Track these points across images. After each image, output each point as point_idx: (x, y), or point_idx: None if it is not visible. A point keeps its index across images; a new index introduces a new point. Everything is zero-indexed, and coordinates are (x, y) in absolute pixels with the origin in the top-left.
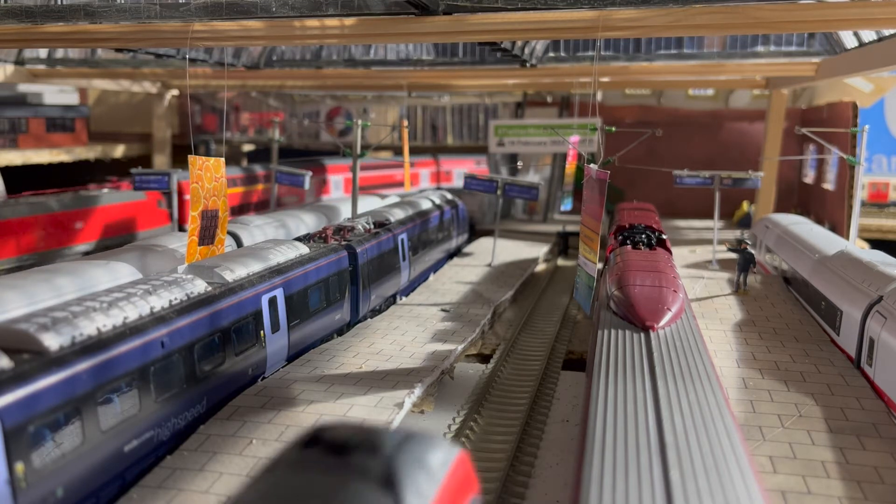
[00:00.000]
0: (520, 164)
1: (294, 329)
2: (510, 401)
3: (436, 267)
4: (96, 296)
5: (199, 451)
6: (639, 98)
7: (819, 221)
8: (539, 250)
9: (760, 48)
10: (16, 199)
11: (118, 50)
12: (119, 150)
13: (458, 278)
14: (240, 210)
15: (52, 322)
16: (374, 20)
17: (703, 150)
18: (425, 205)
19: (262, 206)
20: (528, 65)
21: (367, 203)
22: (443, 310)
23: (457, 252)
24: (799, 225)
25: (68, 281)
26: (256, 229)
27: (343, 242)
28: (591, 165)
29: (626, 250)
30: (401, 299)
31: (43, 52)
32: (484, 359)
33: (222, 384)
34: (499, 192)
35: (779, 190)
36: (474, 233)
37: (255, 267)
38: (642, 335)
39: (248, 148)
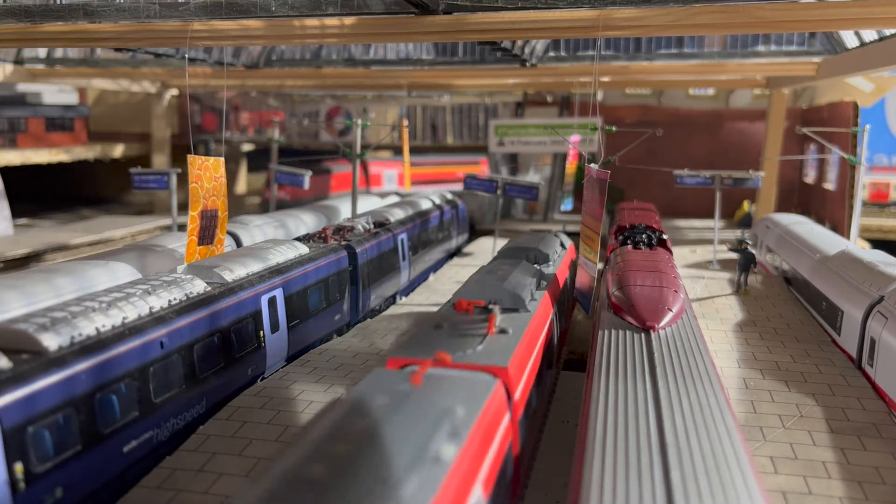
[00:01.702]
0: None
1: (294, 329)
2: None
3: (436, 267)
4: (95, 296)
5: (199, 452)
6: (639, 98)
7: (820, 221)
8: None
9: (761, 48)
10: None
11: (117, 49)
12: (118, 150)
13: (458, 278)
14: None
15: (51, 322)
16: (373, 20)
17: (703, 150)
18: (425, 205)
19: None
20: (528, 64)
21: (367, 203)
22: None
23: (457, 252)
24: (800, 225)
25: (67, 281)
26: (256, 229)
27: (343, 242)
28: (592, 165)
29: (626, 250)
30: (401, 299)
31: (42, 52)
32: None
33: (222, 384)
34: (499, 192)
35: (779, 190)
36: (474, 233)
37: (255, 267)
38: (643, 335)
39: (247, 148)
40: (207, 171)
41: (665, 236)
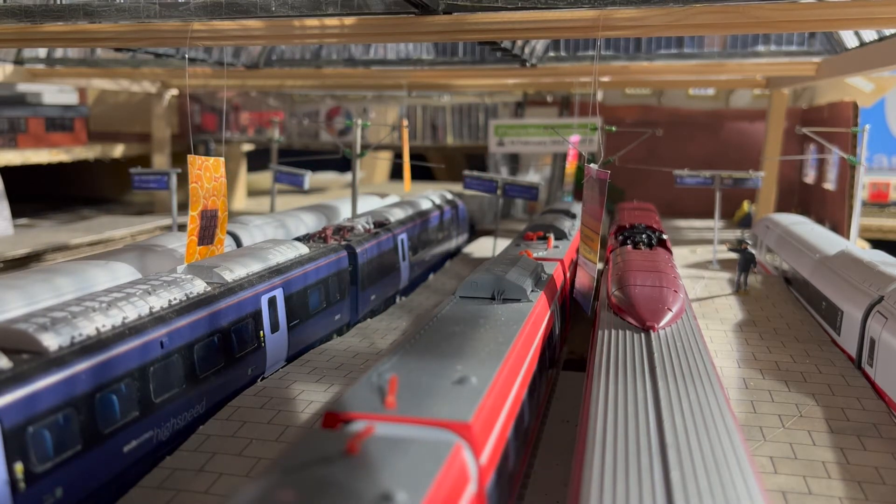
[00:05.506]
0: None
1: (294, 329)
2: None
3: (436, 267)
4: (95, 296)
5: (199, 452)
6: (639, 98)
7: (820, 221)
8: None
9: (761, 48)
10: None
11: (117, 49)
12: (118, 150)
13: (458, 278)
14: None
15: (51, 322)
16: (373, 20)
17: (703, 150)
18: (425, 205)
19: None
20: (528, 64)
21: (367, 203)
22: None
23: (457, 252)
24: (800, 225)
25: (67, 281)
26: (256, 229)
27: (343, 242)
28: (592, 165)
29: (626, 250)
30: (401, 299)
31: (42, 52)
32: None
33: (222, 384)
34: (499, 192)
35: (779, 190)
36: (474, 233)
37: (255, 267)
38: (643, 335)
39: (247, 148)
40: (207, 171)
41: (665, 236)
